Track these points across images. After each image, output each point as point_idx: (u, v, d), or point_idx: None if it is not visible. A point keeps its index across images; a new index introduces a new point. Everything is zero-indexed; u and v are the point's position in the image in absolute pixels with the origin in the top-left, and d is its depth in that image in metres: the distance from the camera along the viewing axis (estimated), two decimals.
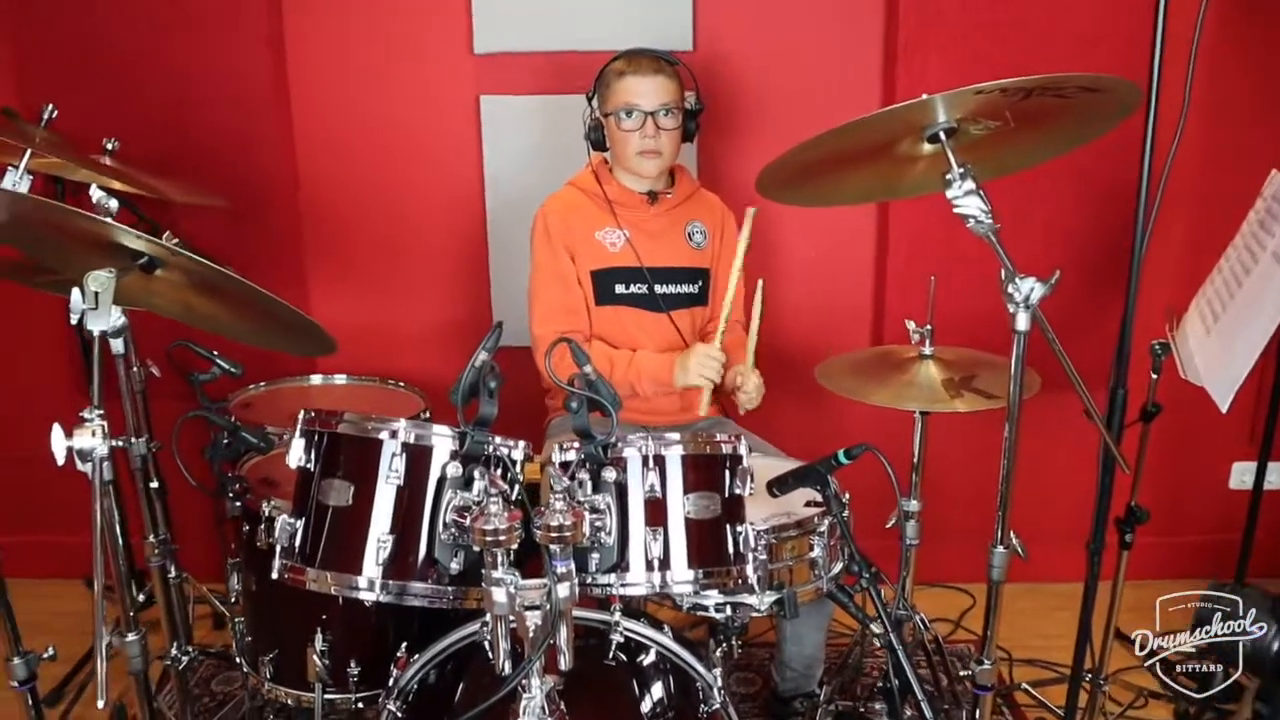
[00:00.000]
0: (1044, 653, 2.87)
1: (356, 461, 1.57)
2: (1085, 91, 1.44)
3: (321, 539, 1.58)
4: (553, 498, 1.45)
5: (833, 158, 1.65)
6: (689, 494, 1.58)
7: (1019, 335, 1.56)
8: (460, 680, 1.74)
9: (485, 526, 1.41)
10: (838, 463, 1.77)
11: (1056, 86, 1.41)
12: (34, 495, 2.88)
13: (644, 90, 2.31)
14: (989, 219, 1.49)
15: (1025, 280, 1.52)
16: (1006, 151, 1.65)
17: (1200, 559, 3.17)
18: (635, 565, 1.56)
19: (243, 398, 2.64)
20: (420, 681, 1.72)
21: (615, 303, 2.40)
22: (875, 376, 2.10)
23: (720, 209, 2.57)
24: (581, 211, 2.41)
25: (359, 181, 2.99)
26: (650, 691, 1.74)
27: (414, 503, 1.55)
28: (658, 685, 1.74)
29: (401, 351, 3.04)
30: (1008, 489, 1.65)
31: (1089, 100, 1.48)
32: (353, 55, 2.90)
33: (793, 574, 1.88)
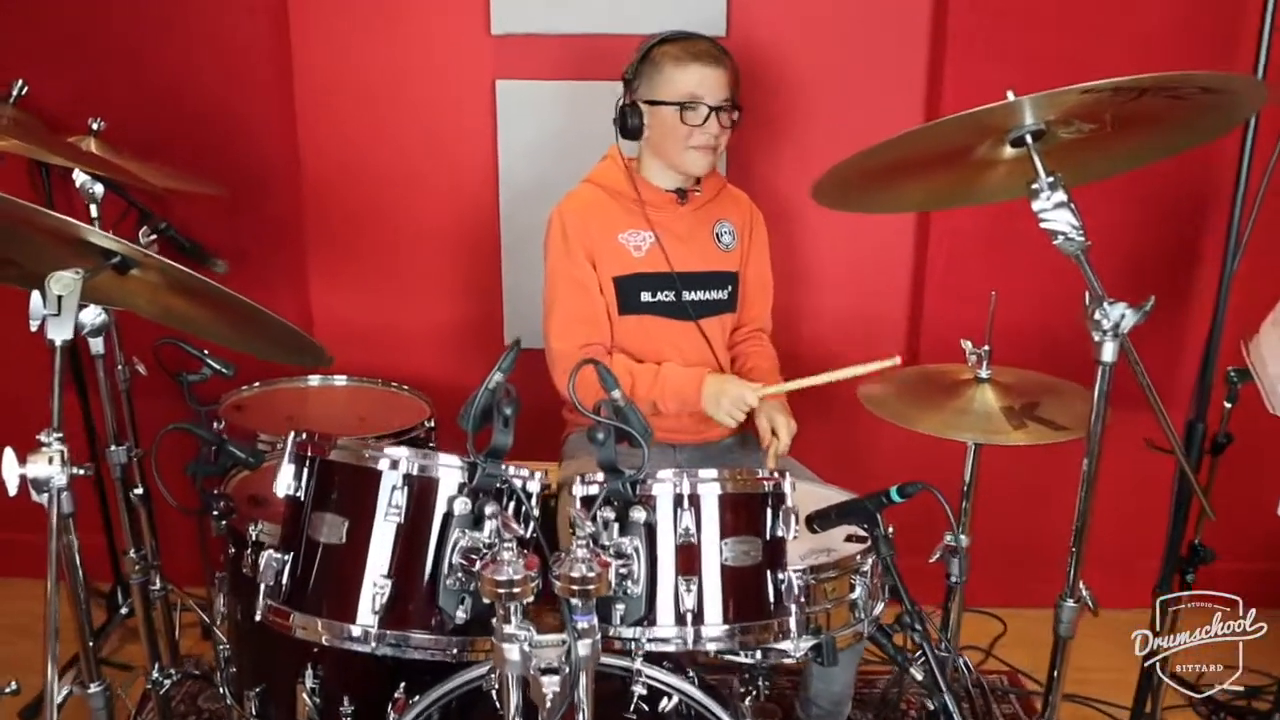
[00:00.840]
0: (1081, 686, 2.69)
1: (351, 494, 1.39)
2: (1205, 93, 1.25)
3: (310, 579, 1.40)
4: (575, 544, 1.28)
5: (900, 162, 1.47)
6: (726, 538, 1.41)
7: (1103, 367, 1.38)
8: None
9: (497, 577, 1.23)
10: (889, 501, 1.58)
11: (1174, 86, 1.21)
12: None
13: (710, 83, 2.11)
14: (1081, 236, 1.30)
15: (1115, 306, 1.34)
16: (1095, 157, 1.46)
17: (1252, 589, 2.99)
18: (664, 618, 1.39)
19: (235, 399, 2.46)
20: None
21: (640, 311, 2.21)
22: (924, 400, 1.91)
23: (748, 207, 2.38)
24: (603, 212, 2.22)
25: (364, 168, 2.81)
26: None
27: (416, 543, 1.37)
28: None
29: (406, 351, 2.88)
30: (1082, 535, 1.47)
31: (1204, 102, 1.28)
32: (360, 33, 2.71)
33: (830, 617, 1.71)
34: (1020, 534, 2.90)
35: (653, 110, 2.16)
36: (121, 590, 2.88)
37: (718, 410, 2.09)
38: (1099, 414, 1.40)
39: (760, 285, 2.37)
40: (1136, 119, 1.33)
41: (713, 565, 1.40)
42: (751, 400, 2.06)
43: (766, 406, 2.12)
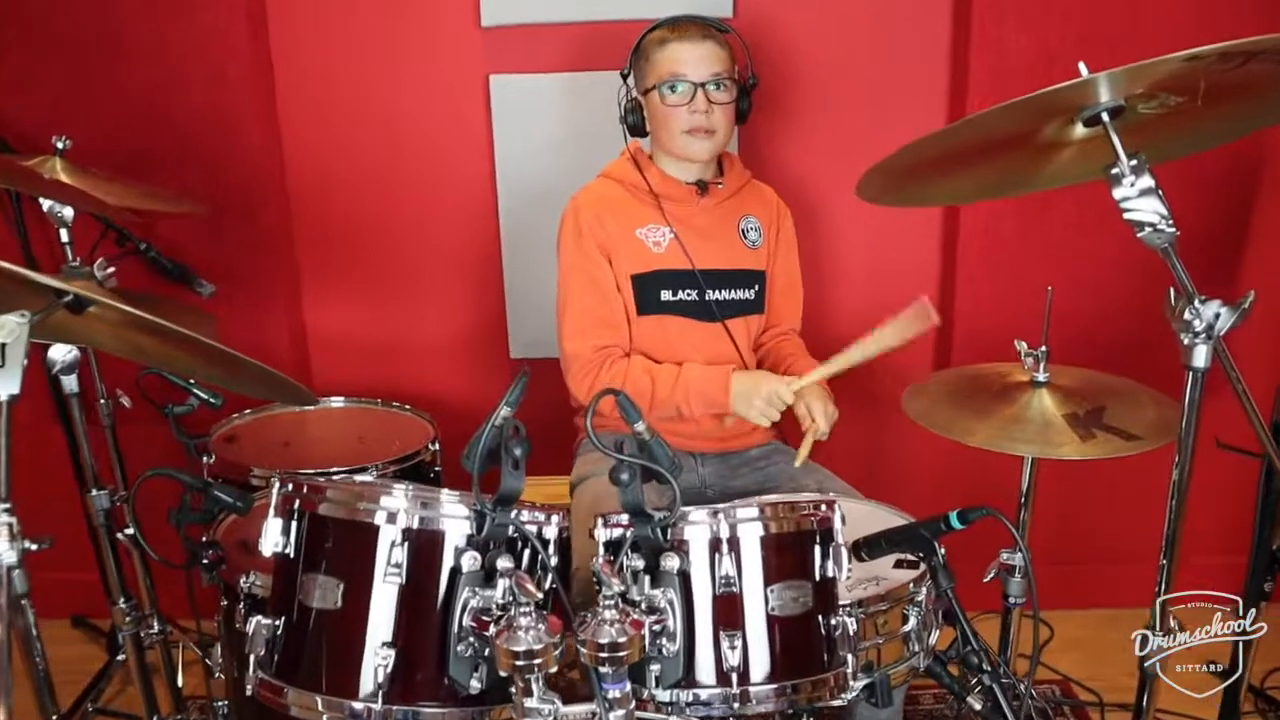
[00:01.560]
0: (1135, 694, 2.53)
1: (346, 553, 1.24)
2: None
3: (304, 649, 1.24)
4: (602, 603, 1.11)
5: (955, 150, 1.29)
6: (772, 585, 1.24)
7: (1195, 373, 1.21)
8: None
9: (514, 647, 1.08)
10: (948, 528, 1.42)
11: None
12: None
13: (691, 58, 1.96)
14: (1171, 226, 1.13)
15: (1209, 305, 1.17)
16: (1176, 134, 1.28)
17: None
18: (705, 677, 1.23)
19: (226, 430, 2.31)
20: None
21: (661, 311, 2.05)
22: (974, 408, 1.73)
23: (775, 202, 2.22)
24: (619, 206, 2.06)
25: (354, 176, 2.65)
26: None
27: (421, 606, 1.21)
28: None
29: (406, 367, 2.72)
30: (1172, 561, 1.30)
31: None
32: (343, 30, 2.55)
33: (881, 653, 1.55)
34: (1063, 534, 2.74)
35: (647, 100, 2.04)
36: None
37: (749, 410, 1.93)
38: (1190, 426, 1.23)
39: (789, 285, 2.21)
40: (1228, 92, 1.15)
41: (758, 616, 1.23)
42: (787, 396, 1.91)
43: (803, 393, 1.95)
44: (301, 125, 2.61)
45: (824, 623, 1.28)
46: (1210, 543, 2.06)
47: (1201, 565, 2.03)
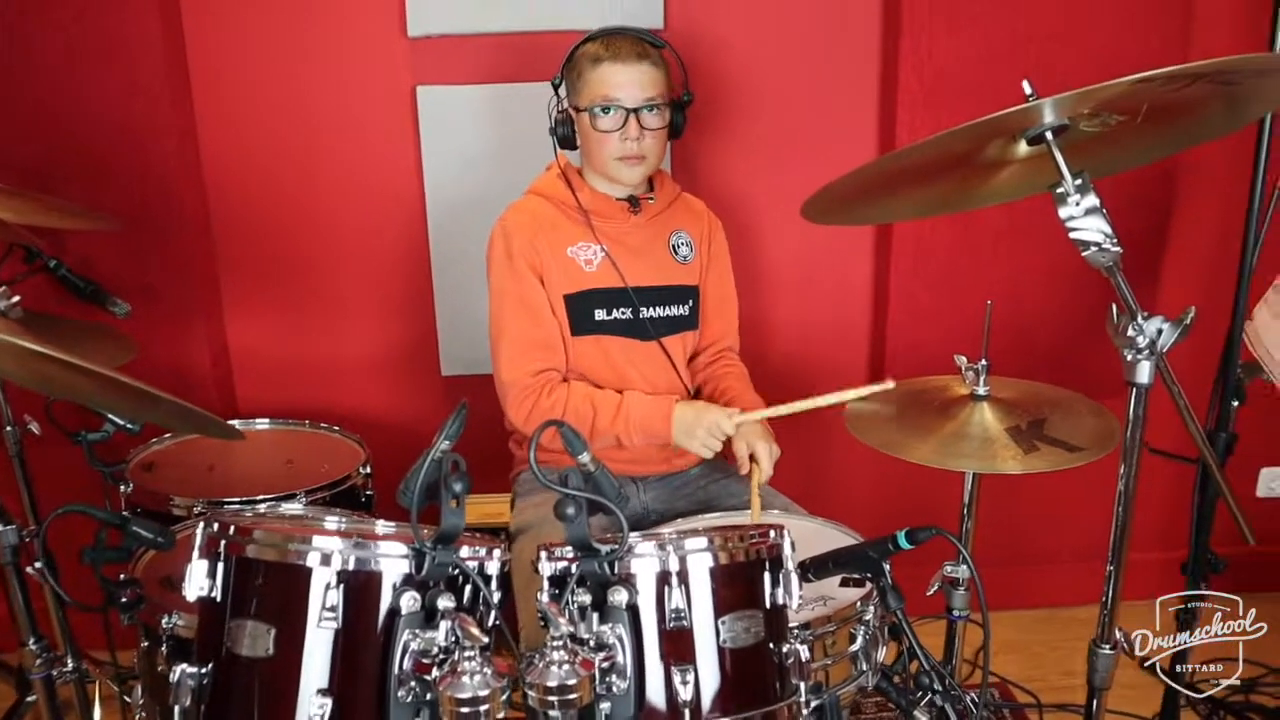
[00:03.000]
0: (1071, 694, 2.60)
1: (277, 597, 1.17)
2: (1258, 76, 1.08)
3: (233, 699, 1.18)
4: (550, 644, 1.07)
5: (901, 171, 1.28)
6: (723, 616, 1.21)
7: (1138, 389, 1.21)
8: None
9: (458, 694, 1.03)
10: (896, 548, 1.41)
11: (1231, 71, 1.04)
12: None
13: (625, 81, 1.91)
14: (1115, 245, 1.12)
15: (1151, 320, 1.17)
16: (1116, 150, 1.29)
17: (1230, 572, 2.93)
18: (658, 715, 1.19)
19: (144, 456, 2.22)
20: None
21: (596, 331, 2.02)
22: (917, 424, 1.72)
23: (706, 215, 2.19)
24: (549, 225, 2.01)
25: (277, 188, 2.57)
26: None
27: (358, 650, 1.15)
28: None
29: (333, 386, 2.66)
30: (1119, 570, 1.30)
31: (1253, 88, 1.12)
32: (264, 39, 2.47)
33: (829, 675, 1.55)
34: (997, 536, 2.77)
35: (578, 117, 2.00)
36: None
37: (691, 441, 1.91)
38: (1135, 442, 1.23)
39: (722, 299, 2.18)
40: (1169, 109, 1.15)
41: (709, 648, 1.20)
42: (728, 428, 1.89)
43: (744, 430, 1.93)
44: (222, 138, 2.53)
45: (776, 651, 1.26)
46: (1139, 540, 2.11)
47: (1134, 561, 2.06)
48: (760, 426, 1.95)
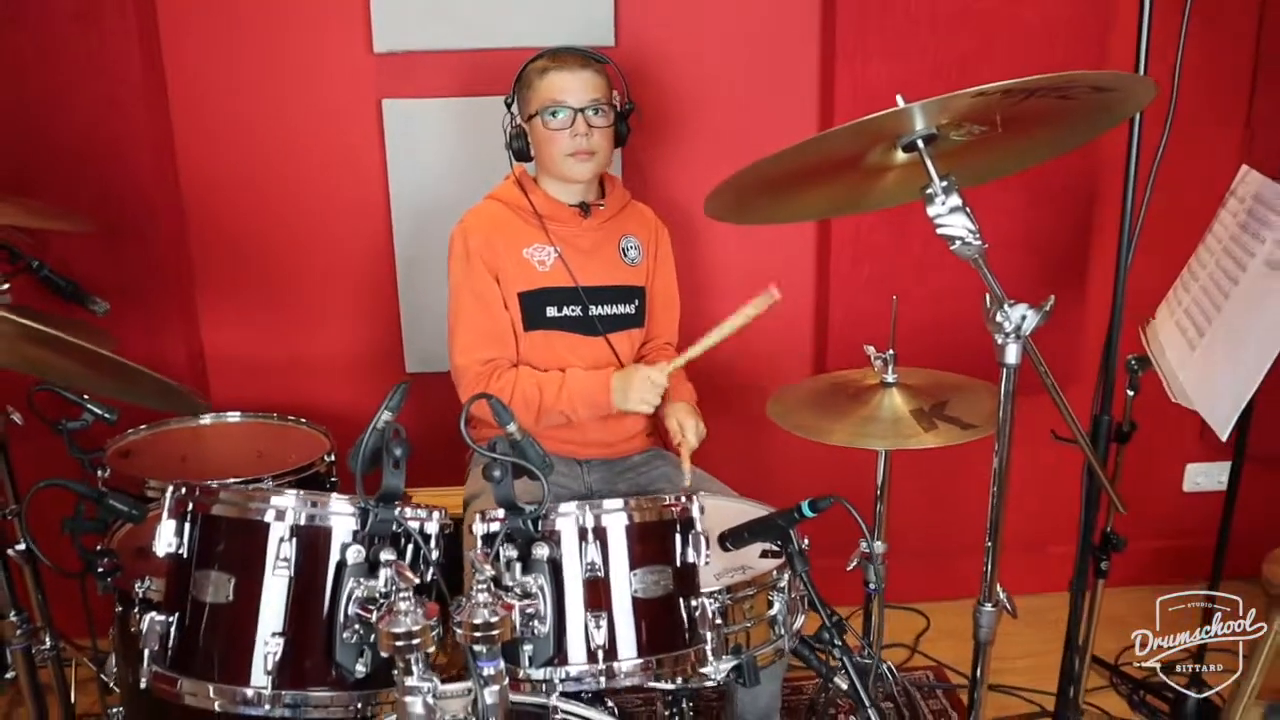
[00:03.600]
0: (1001, 676, 2.71)
1: (237, 549, 1.32)
2: (1096, 91, 1.24)
3: (199, 642, 1.32)
4: (475, 588, 1.22)
5: (791, 173, 1.43)
6: (636, 569, 1.36)
7: (1007, 369, 1.37)
8: None
9: (394, 629, 1.17)
10: (801, 516, 1.55)
11: (1063, 86, 1.20)
12: None
13: (571, 86, 2.07)
14: (978, 239, 1.29)
15: (1016, 307, 1.32)
16: (987, 158, 1.45)
17: (1158, 565, 3.08)
18: (575, 655, 1.34)
19: (121, 444, 2.33)
20: None
21: (546, 327, 2.16)
22: (833, 410, 1.89)
23: (654, 221, 2.34)
24: (506, 227, 2.16)
25: (249, 196, 2.70)
26: None
27: (309, 596, 1.30)
28: None
29: (303, 383, 2.77)
30: (996, 536, 1.46)
31: (1094, 101, 1.28)
32: (238, 53, 2.60)
33: (750, 636, 1.67)
34: (937, 528, 2.92)
35: (530, 126, 2.14)
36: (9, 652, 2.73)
37: (627, 401, 2.06)
38: (1007, 416, 1.38)
39: (667, 300, 2.34)
40: (1026, 119, 1.32)
41: (623, 598, 1.35)
42: (659, 379, 2.03)
43: (675, 409, 2.10)
44: (197, 146, 2.65)
45: (685, 604, 1.40)
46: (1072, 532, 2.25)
47: (1062, 554, 2.21)
48: (689, 406, 2.12)
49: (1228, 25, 2.69)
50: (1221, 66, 2.71)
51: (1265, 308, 1.61)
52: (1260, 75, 2.68)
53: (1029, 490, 2.52)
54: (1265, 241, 1.72)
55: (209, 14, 2.57)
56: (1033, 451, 2.30)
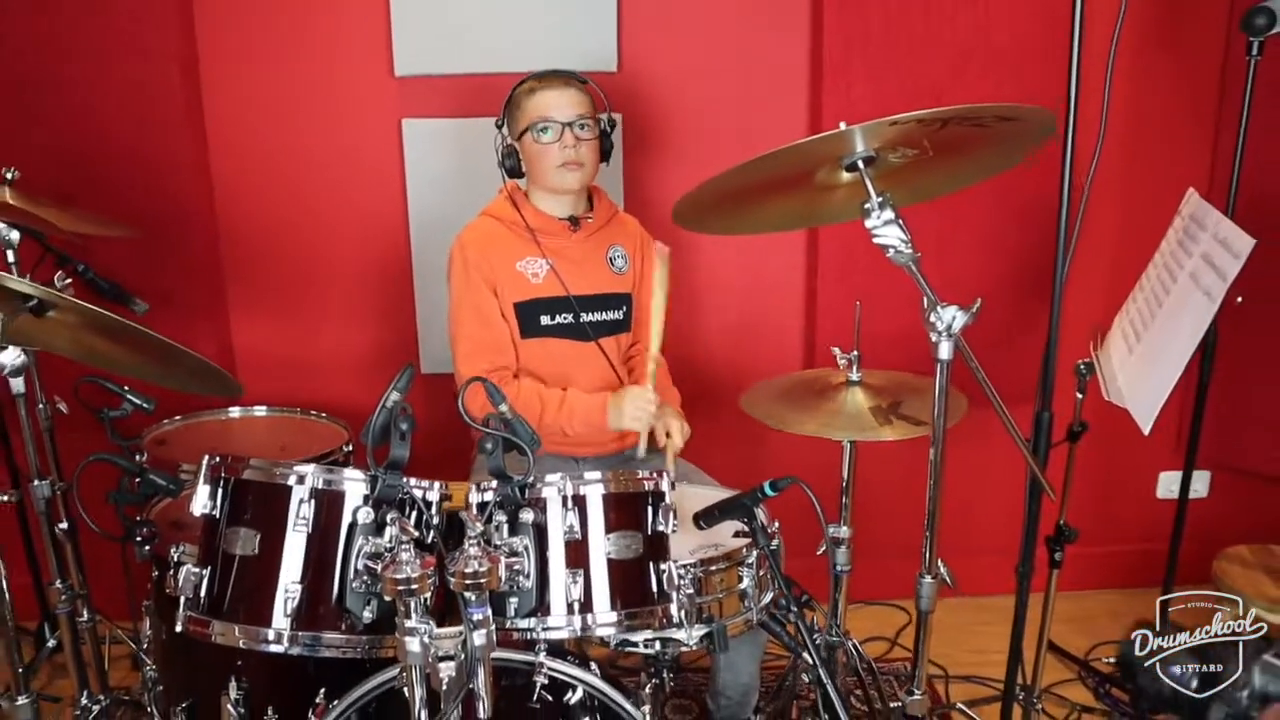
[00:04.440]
0: (979, 668, 2.89)
1: (263, 509, 1.51)
2: (1001, 121, 1.43)
3: (228, 589, 1.52)
4: (467, 543, 1.41)
5: (751, 186, 1.62)
6: (610, 534, 1.55)
7: (941, 365, 1.55)
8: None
9: (396, 575, 1.36)
10: (764, 495, 1.74)
11: (974, 116, 1.39)
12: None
13: (558, 103, 2.26)
14: (909, 249, 1.47)
15: (947, 309, 1.51)
16: (927, 178, 1.64)
17: (1130, 568, 3.23)
18: (556, 608, 1.53)
19: (157, 434, 2.54)
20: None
21: (542, 334, 2.34)
22: (801, 404, 2.07)
23: (639, 232, 2.53)
24: (500, 242, 2.35)
25: (279, 207, 2.91)
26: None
27: (324, 551, 1.50)
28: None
29: (325, 381, 2.97)
30: (934, 518, 1.63)
31: (1005, 129, 1.47)
32: (271, 77, 2.83)
33: (722, 606, 1.84)
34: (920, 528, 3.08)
35: (520, 143, 2.32)
36: (49, 625, 2.94)
37: (622, 420, 2.22)
38: (941, 409, 1.56)
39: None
40: (954, 145, 1.51)
41: (599, 558, 1.53)
42: (649, 395, 2.20)
43: (663, 412, 2.27)
44: (230, 162, 2.86)
45: (654, 568, 1.58)
46: None
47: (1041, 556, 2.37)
48: (674, 410, 2.31)
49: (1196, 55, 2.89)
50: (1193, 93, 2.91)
51: (1185, 315, 1.78)
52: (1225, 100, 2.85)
53: (1006, 493, 2.67)
54: (1193, 256, 1.90)
55: (244, 41, 2.79)
56: (1011, 455, 2.46)
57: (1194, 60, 2.89)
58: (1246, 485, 3.19)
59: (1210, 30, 2.84)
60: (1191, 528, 2.83)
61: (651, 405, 2.21)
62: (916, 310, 1.51)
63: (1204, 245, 1.88)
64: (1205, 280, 1.79)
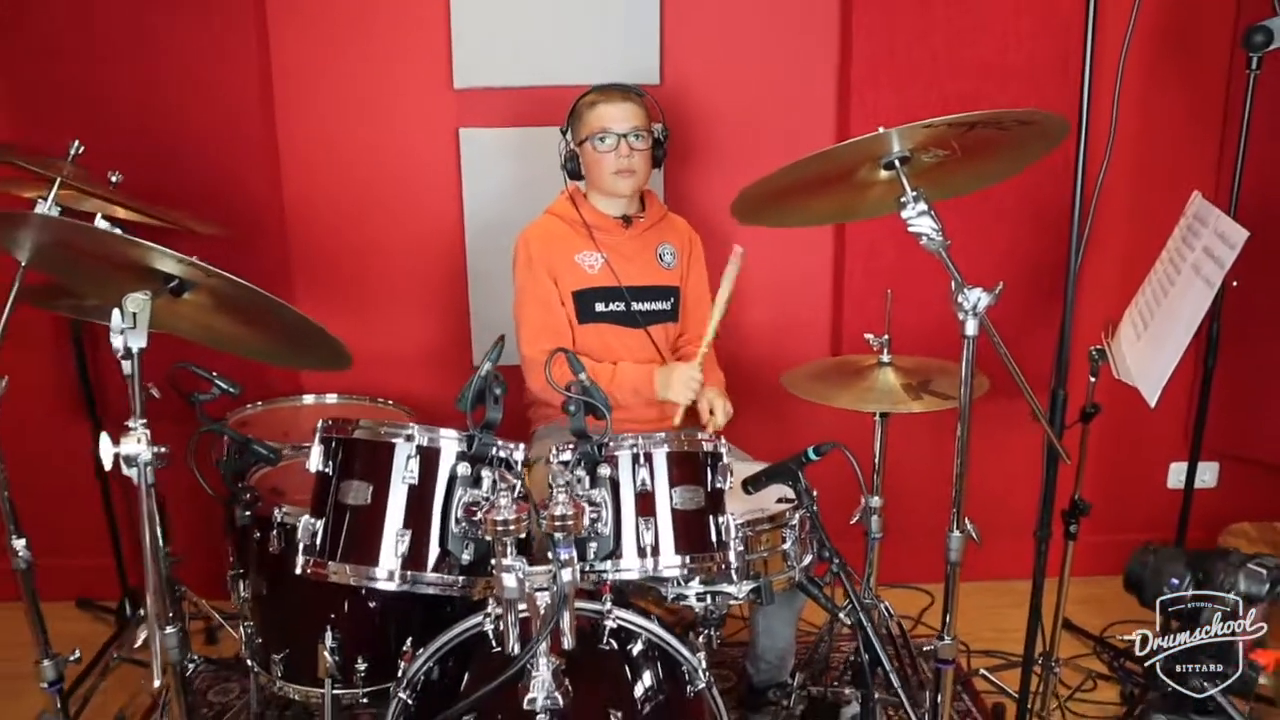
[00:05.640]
0: (999, 644, 3.06)
1: (373, 463, 1.71)
2: (1020, 124, 1.64)
3: (342, 535, 1.72)
4: (555, 491, 1.61)
5: (800, 184, 1.84)
6: (675, 487, 1.74)
7: (968, 340, 1.74)
8: (465, 669, 1.86)
9: (496, 518, 1.57)
10: (808, 459, 1.94)
11: (996, 120, 1.61)
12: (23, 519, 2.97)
13: (616, 115, 2.49)
14: (940, 236, 1.68)
15: (973, 290, 1.70)
16: (956, 177, 1.85)
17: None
18: (628, 552, 1.71)
19: (239, 417, 2.75)
20: (426, 673, 1.85)
21: (596, 320, 2.57)
22: (837, 383, 2.29)
23: (687, 231, 2.75)
24: (560, 237, 2.58)
25: (343, 212, 3.13)
26: (642, 675, 1.86)
27: (427, 500, 1.70)
28: (648, 669, 1.88)
29: (388, 373, 3.14)
30: (962, 479, 1.82)
31: (1024, 131, 1.68)
32: (338, 89, 3.05)
33: (767, 565, 2.06)
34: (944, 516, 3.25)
35: (581, 150, 2.56)
36: (130, 603, 3.15)
37: (669, 391, 2.43)
38: (968, 378, 1.76)
39: (699, 298, 2.74)
40: (979, 146, 1.72)
41: (665, 508, 1.73)
42: (696, 374, 2.41)
43: (706, 393, 2.47)
44: (299, 166, 3.09)
45: (714, 520, 1.78)
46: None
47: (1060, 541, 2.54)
48: (719, 391, 2.51)
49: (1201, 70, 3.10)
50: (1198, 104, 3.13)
51: (1187, 301, 1.99)
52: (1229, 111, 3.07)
53: (1023, 482, 2.83)
54: (1195, 249, 2.10)
55: (316, 52, 3.02)
56: (1029, 445, 2.64)
57: (1199, 74, 3.10)
58: (1254, 474, 3.34)
59: (1214, 46, 3.05)
60: (1201, 516, 3.00)
61: (695, 381, 2.42)
62: (936, 306, 1.68)
63: (1205, 239, 2.08)
64: (1205, 269, 2.00)
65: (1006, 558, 2.99)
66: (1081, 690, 2.85)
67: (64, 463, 3.12)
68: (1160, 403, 2.64)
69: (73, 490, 3.07)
